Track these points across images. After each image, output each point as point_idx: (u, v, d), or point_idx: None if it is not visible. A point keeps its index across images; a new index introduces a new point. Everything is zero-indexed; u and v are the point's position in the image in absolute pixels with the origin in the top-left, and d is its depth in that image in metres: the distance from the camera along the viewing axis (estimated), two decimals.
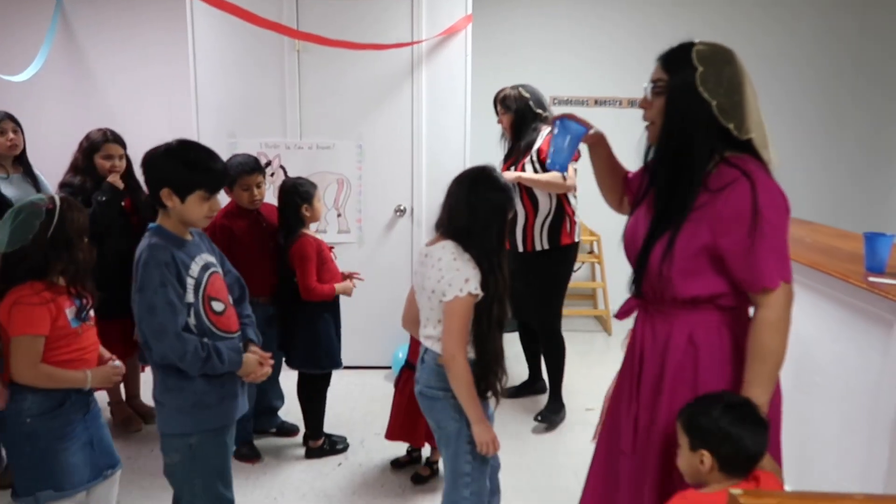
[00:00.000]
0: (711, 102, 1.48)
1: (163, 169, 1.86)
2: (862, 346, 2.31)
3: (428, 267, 1.91)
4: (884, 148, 5.31)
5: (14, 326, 1.91)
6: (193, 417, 1.91)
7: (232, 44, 3.91)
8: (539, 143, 3.31)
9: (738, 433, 1.42)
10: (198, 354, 1.84)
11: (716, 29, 5.10)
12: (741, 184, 1.46)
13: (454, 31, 3.90)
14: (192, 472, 1.95)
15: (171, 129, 4.52)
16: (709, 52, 1.52)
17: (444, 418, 1.97)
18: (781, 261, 1.47)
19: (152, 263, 1.81)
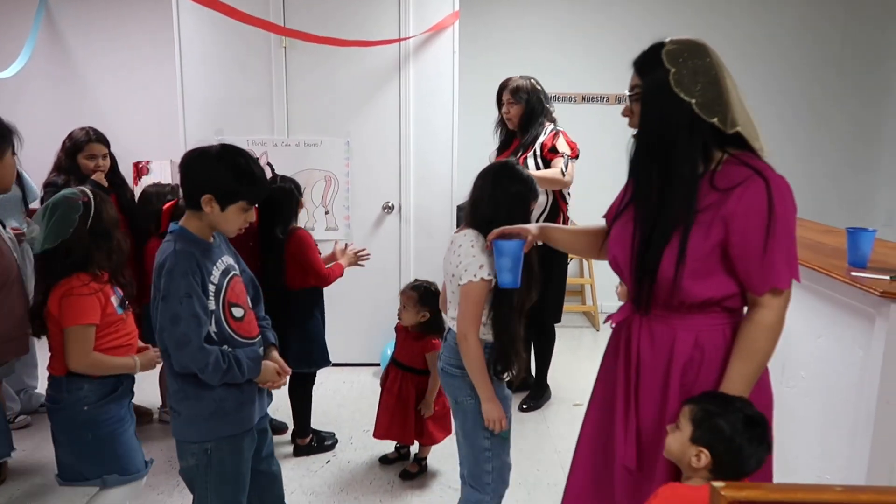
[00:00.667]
0: (690, 101, 1.43)
1: (208, 175, 1.79)
2: (845, 340, 2.34)
3: (451, 253, 2.01)
4: (866, 145, 5.36)
5: (66, 318, 1.97)
6: (211, 425, 1.86)
7: (218, 40, 3.89)
8: (543, 138, 3.33)
9: (749, 451, 1.40)
10: (219, 365, 1.79)
11: (697, 26, 5.14)
12: (755, 182, 1.43)
13: (441, 28, 3.90)
14: (207, 477, 1.91)
15: (159, 127, 4.57)
16: (680, 50, 1.47)
17: (461, 394, 2.04)
18: (792, 261, 1.46)
19: (178, 272, 1.74)
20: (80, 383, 2.03)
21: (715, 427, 1.41)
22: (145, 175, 4.58)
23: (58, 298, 1.97)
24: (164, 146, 4.56)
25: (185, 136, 3.97)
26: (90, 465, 2.07)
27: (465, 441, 2.08)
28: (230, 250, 2.00)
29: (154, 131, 4.65)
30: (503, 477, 2.10)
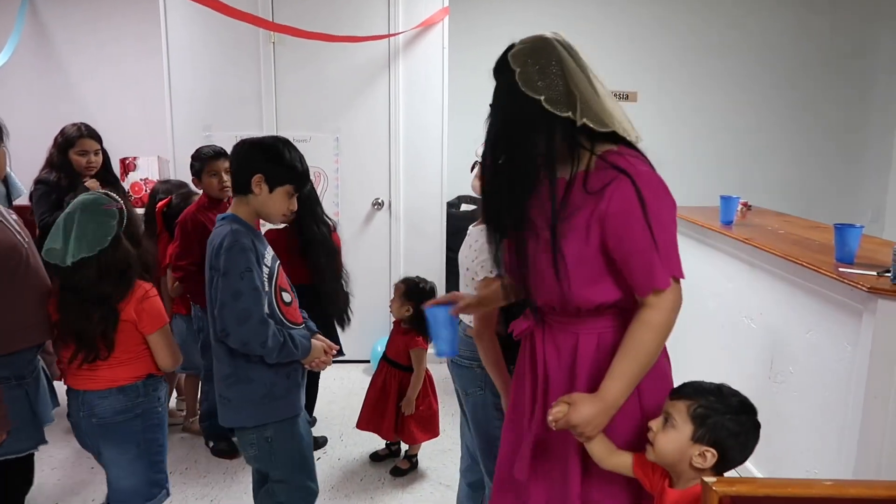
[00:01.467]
0: (539, 98, 1.37)
1: (260, 157, 1.87)
2: (833, 335, 2.36)
3: (466, 247, 2.02)
4: (854, 141, 5.40)
5: (151, 322, 1.94)
6: (265, 408, 1.90)
7: (206, 36, 3.86)
8: None
9: (752, 443, 1.38)
10: (277, 340, 1.83)
11: (687, 27, 5.15)
12: (621, 182, 1.36)
13: (431, 24, 3.89)
14: (270, 464, 1.96)
15: (146, 122, 4.53)
16: (525, 50, 1.43)
17: (470, 386, 2.05)
18: (671, 259, 1.38)
19: (237, 248, 1.79)
20: (157, 382, 2.03)
21: (721, 425, 1.37)
22: (132, 171, 4.53)
23: (135, 306, 1.91)
24: (151, 142, 4.51)
25: (173, 132, 3.95)
26: (159, 473, 2.04)
27: (478, 433, 2.08)
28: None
29: (141, 127, 4.60)
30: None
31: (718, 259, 3.18)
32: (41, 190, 2.99)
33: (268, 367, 1.88)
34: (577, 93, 1.39)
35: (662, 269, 1.37)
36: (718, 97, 5.20)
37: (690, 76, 5.19)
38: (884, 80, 5.31)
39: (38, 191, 2.99)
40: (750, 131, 5.22)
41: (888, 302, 2.09)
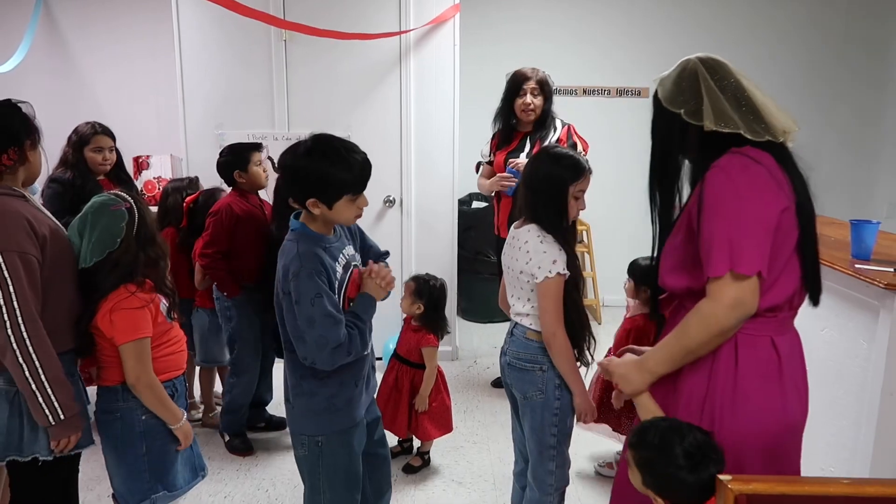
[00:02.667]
0: (679, 111, 1.50)
1: (306, 178, 1.75)
2: (849, 332, 2.34)
3: (515, 249, 2.01)
4: (869, 137, 5.35)
5: (119, 333, 1.87)
6: (323, 419, 1.89)
7: (218, 34, 3.88)
8: (557, 133, 3.34)
9: (699, 480, 1.33)
10: (356, 347, 1.80)
11: (701, 18, 5.11)
12: (706, 177, 1.46)
13: (442, 21, 3.88)
14: (317, 468, 1.95)
15: (158, 121, 4.56)
16: (669, 74, 1.58)
17: (530, 390, 2.03)
18: (731, 249, 1.37)
19: (304, 275, 1.72)
20: None
21: (659, 476, 1.38)
22: (145, 170, 4.56)
23: (107, 314, 1.86)
24: (164, 140, 4.54)
25: (186, 130, 3.96)
26: (138, 482, 1.98)
27: (532, 437, 2.07)
28: (350, 235, 2.01)
29: (153, 125, 4.64)
30: (564, 475, 2.11)
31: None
32: (55, 189, 3.01)
33: (332, 381, 1.85)
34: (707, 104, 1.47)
35: (719, 258, 1.38)
36: None
37: None
38: None
39: (52, 189, 3.01)
40: None
41: None
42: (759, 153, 1.44)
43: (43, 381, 1.76)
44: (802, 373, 1.54)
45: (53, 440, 1.83)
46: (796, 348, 1.53)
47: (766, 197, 1.40)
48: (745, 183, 1.40)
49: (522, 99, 3.31)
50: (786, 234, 1.42)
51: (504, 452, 3.12)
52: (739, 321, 1.41)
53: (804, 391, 1.54)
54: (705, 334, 1.43)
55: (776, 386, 1.46)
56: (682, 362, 1.49)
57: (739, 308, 1.39)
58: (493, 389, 3.82)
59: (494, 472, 2.96)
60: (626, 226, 4.43)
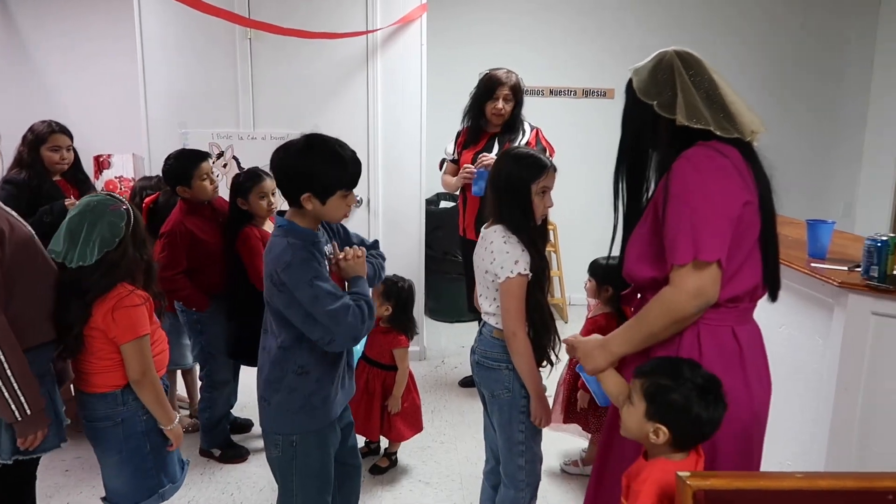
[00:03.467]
0: (652, 103, 1.52)
1: (300, 174, 1.79)
2: (806, 329, 2.40)
3: (482, 249, 2.03)
4: (825, 137, 5.49)
5: (122, 332, 1.86)
6: (299, 418, 1.89)
7: (181, 32, 3.82)
8: (526, 137, 3.37)
9: (706, 417, 1.37)
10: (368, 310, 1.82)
11: (663, 23, 5.19)
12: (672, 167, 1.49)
13: (409, 21, 3.88)
14: (290, 469, 1.95)
15: (120, 119, 4.47)
16: (644, 64, 1.60)
17: (497, 388, 2.05)
18: (694, 238, 1.40)
19: (297, 262, 1.75)
20: None
21: (670, 402, 1.39)
22: (106, 169, 4.47)
23: (107, 312, 1.85)
24: (126, 139, 4.45)
25: (148, 129, 3.89)
26: (146, 479, 1.99)
27: (501, 434, 2.09)
28: (331, 233, 2.02)
29: (115, 124, 4.54)
30: (535, 470, 2.12)
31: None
32: (9, 190, 2.91)
33: (312, 378, 1.87)
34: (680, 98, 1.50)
35: (682, 246, 1.42)
36: None
37: None
38: (853, 76, 5.40)
39: (6, 191, 2.90)
40: None
41: (858, 296, 2.13)
42: (725, 147, 1.48)
43: (8, 376, 1.72)
44: (764, 363, 1.58)
45: (20, 437, 1.80)
46: (757, 339, 1.58)
47: (729, 188, 1.44)
48: (709, 173, 1.44)
49: (494, 104, 3.31)
50: (747, 227, 1.46)
51: (472, 452, 3.13)
52: (699, 309, 1.45)
53: (767, 381, 1.58)
54: (666, 320, 1.47)
55: (739, 374, 1.49)
56: (642, 345, 1.54)
57: (700, 297, 1.43)
58: (460, 389, 3.83)
59: (462, 472, 2.97)
60: (592, 225, 4.47)
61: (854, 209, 5.53)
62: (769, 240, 1.52)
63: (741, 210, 1.44)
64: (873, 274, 2.10)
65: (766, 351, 1.60)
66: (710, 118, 1.48)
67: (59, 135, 3.04)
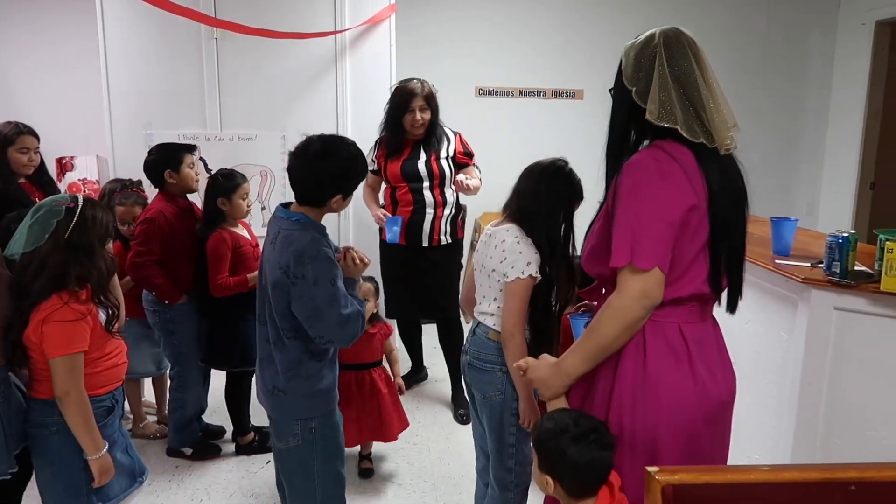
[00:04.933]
0: (631, 89, 1.49)
1: (333, 176, 1.89)
2: (771, 324, 2.44)
3: (491, 247, 2.00)
4: (789, 136, 5.60)
5: (50, 346, 1.77)
6: (318, 401, 1.98)
7: (145, 31, 3.76)
8: (452, 143, 3.37)
9: (585, 460, 1.41)
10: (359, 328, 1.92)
11: (631, 24, 5.24)
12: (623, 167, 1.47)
13: (378, 21, 3.87)
14: (311, 453, 2.00)
15: (83, 121, 4.38)
16: (635, 43, 1.54)
17: (490, 390, 2.03)
18: (632, 243, 1.40)
19: (322, 257, 1.83)
20: None
21: (548, 451, 1.45)
22: (69, 171, 4.38)
23: (39, 325, 1.76)
24: (89, 141, 4.37)
25: (112, 131, 3.82)
26: (76, 498, 1.89)
27: (492, 436, 2.08)
28: None
29: (78, 126, 4.45)
30: (525, 472, 2.12)
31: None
32: None
33: (319, 362, 1.96)
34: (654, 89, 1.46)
35: (620, 249, 1.41)
36: None
37: None
38: (816, 75, 5.51)
39: None
40: None
41: (821, 292, 2.18)
42: (678, 149, 1.45)
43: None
44: (720, 360, 1.54)
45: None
46: (709, 337, 1.54)
47: (672, 193, 1.41)
48: (654, 178, 1.42)
49: (412, 115, 3.25)
50: (694, 232, 1.43)
51: (444, 453, 3.13)
52: (647, 311, 1.43)
53: (722, 376, 1.53)
54: (616, 327, 1.44)
55: (687, 371, 1.47)
56: (597, 360, 1.50)
57: (645, 299, 1.41)
58: (433, 390, 3.83)
59: (434, 473, 2.97)
60: None
61: (817, 207, 5.64)
62: (718, 246, 1.47)
63: (685, 215, 1.41)
64: (835, 270, 2.14)
65: (724, 349, 1.58)
66: (679, 117, 1.44)
67: (26, 136, 2.97)
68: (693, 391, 1.47)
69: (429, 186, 3.31)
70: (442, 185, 3.33)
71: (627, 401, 1.48)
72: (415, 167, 3.30)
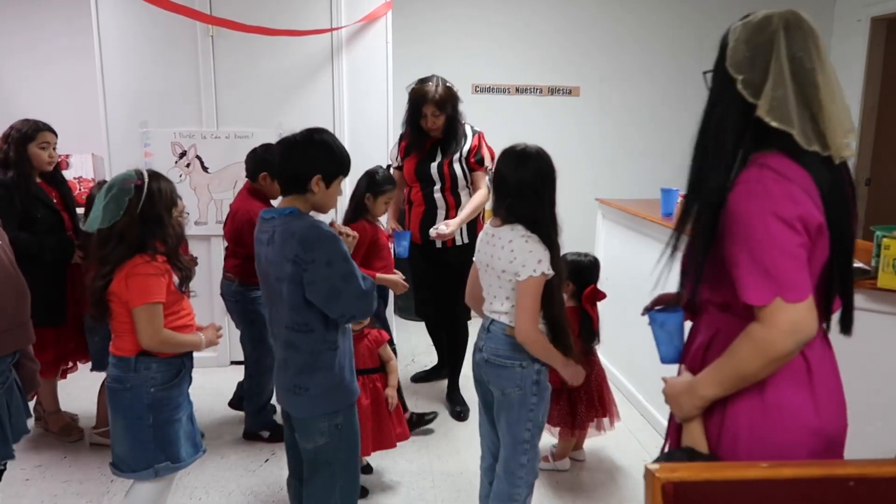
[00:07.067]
0: (737, 78, 1.31)
1: (315, 158, 1.92)
2: None
3: (497, 248, 2.00)
4: None
5: (134, 297, 1.97)
6: (340, 393, 2.00)
7: (141, 29, 3.74)
8: (468, 143, 3.32)
9: None
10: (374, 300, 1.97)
11: (631, 20, 5.24)
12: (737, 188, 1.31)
13: (374, 18, 3.86)
14: (338, 451, 2.02)
15: (78, 119, 4.36)
16: (747, 24, 1.34)
17: (508, 386, 2.05)
18: (767, 276, 1.25)
19: (327, 237, 1.86)
20: (150, 363, 2.04)
21: None
22: (65, 170, 4.35)
23: (123, 279, 1.97)
24: (84, 139, 4.35)
25: (108, 129, 3.81)
26: (143, 451, 2.05)
27: (508, 432, 2.09)
28: None
29: (73, 123, 4.41)
30: (535, 468, 2.14)
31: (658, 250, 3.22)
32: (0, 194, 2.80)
33: (336, 352, 1.97)
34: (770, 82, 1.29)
35: (752, 286, 1.27)
36: (660, 91, 5.33)
37: (632, 71, 5.30)
38: None
39: None
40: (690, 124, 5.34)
41: None
42: (786, 164, 1.28)
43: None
44: (836, 382, 1.42)
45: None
46: (827, 358, 1.41)
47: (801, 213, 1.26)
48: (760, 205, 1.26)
49: (425, 121, 3.25)
50: (820, 252, 1.32)
51: (443, 450, 3.13)
52: (799, 345, 1.28)
53: (841, 401, 1.41)
54: (760, 360, 1.29)
55: (807, 393, 1.35)
56: (734, 389, 1.35)
57: (799, 333, 1.26)
58: (430, 387, 3.83)
59: (434, 470, 2.97)
60: None
61: None
62: (840, 266, 1.35)
63: (816, 233, 1.27)
64: None
65: (838, 371, 1.43)
66: (795, 119, 1.27)
67: (46, 132, 2.94)
68: (813, 415, 1.35)
69: (440, 189, 3.32)
70: (454, 188, 3.32)
71: (743, 428, 1.37)
72: (427, 170, 3.31)
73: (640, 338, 3.22)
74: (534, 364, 2.03)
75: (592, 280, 2.80)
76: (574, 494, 2.81)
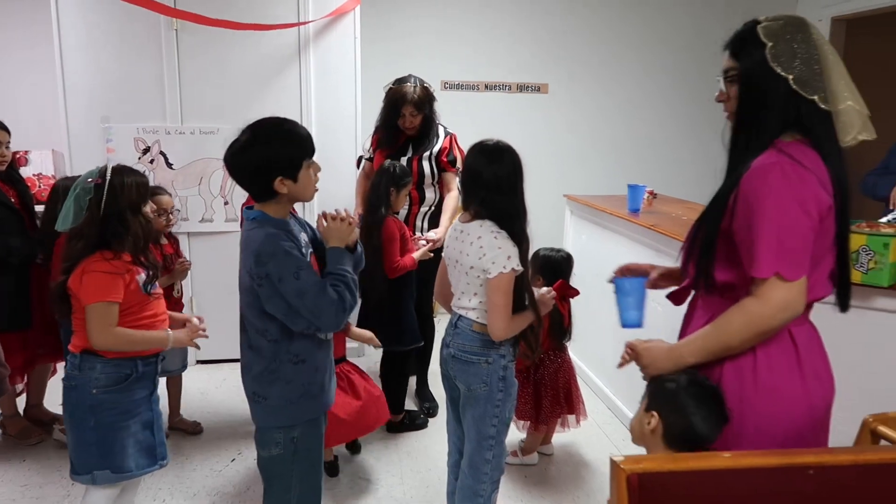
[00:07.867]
0: (788, 77, 1.39)
1: (264, 161, 1.77)
2: None
3: (466, 244, 1.99)
4: None
5: (87, 294, 1.94)
6: (300, 408, 1.90)
7: (102, 21, 3.66)
8: (440, 142, 3.34)
9: (694, 409, 1.43)
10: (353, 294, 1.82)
11: (595, 18, 5.28)
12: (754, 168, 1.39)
13: (342, 13, 3.83)
14: (292, 464, 1.94)
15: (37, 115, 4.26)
16: (777, 27, 1.44)
17: (474, 381, 2.05)
18: (775, 252, 1.34)
19: (280, 254, 1.74)
20: (94, 363, 1.99)
21: (660, 388, 1.50)
22: (23, 166, 4.24)
23: (79, 276, 1.95)
24: (44, 135, 4.24)
25: (68, 124, 3.72)
26: (84, 454, 2.00)
27: (473, 427, 2.09)
28: (303, 226, 1.98)
29: (32, 119, 4.32)
30: (500, 464, 2.14)
31: (626, 246, 3.30)
32: None
33: (309, 367, 1.89)
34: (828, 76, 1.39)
35: (764, 258, 1.35)
36: (628, 89, 5.38)
37: (600, 68, 5.34)
38: None
39: None
40: (657, 122, 5.43)
41: None
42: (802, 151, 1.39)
43: None
44: (823, 363, 1.51)
45: None
46: (814, 339, 1.52)
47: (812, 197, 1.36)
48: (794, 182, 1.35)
49: (402, 120, 3.27)
50: (826, 233, 1.41)
51: (412, 447, 3.13)
52: (785, 323, 1.39)
53: (827, 381, 1.51)
54: (748, 333, 1.41)
55: (796, 374, 1.44)
56: (717, 357, 1.47)
57: (788, 310, 1.37)
58: None
59: (402, 467, 2.96)
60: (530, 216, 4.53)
61: None
62: (842, 244, 1.45)
63: (824, 217, 1.38)
64: None
65: (825, 351, 1.54)
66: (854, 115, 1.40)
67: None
68: (802, 396, 1.45)
69: None
70: (420, 183, 3.33)
71: (734, 403, 1.45)
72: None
73: (608, 332, 3.26)
74: (500, 360, 2.04)
75: (565, 276, 2.80)
76: (542, 488, 2.82)
